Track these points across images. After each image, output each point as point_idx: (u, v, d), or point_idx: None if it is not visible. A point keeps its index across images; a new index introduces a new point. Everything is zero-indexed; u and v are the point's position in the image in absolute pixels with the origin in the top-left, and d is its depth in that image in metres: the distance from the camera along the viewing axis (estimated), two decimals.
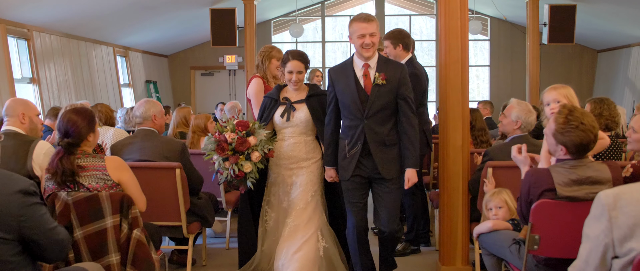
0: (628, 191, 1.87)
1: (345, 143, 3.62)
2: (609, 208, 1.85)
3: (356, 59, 3.61)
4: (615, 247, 1.85)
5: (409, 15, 13.88)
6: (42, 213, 2.17)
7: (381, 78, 3.50)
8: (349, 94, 3.56)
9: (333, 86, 3.67)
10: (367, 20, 3.51)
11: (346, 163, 3.61)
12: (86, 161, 2.91)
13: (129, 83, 11.83)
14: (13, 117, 3.38)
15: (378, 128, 3.53)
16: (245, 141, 3.60)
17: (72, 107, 3.16)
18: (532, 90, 10.48)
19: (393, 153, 3.57)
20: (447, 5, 3.87)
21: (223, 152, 3.61)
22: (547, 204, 2.61)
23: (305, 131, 3.91)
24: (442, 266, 3.99)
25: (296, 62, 3.85)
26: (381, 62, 3.58)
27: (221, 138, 3.63)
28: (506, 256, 3.04)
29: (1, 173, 2.10)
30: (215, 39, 10.37)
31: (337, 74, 3.66)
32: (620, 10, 10.31)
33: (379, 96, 3.51)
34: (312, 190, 3.89)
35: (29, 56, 8.34)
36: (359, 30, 3.50)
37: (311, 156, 3.93)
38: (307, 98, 3.90)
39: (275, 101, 3.94)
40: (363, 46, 3.50)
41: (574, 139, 2.59)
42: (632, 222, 1.82)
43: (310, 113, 3.87)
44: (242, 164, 3.61)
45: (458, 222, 3.93)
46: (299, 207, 3.84)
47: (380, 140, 3.54)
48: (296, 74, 3.85)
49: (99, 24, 9.61)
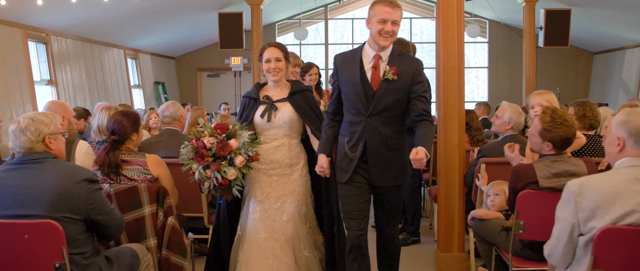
0: (591, 180, 2.26)
1: (344, 141, 3.25)
2: (575, 195, 2.24)
3: (368, 48, 3.21)
4: (580, 226, 2.24)
5: (410, 19, 14.28)
6: (103, 197, 2.58)
7: (392, 73, 3.10)
8: (352, 86, 3.18)
9: (337, 73, 3.30)
10: (392, 5, 3.08)
11: (345, 163, 3.23)
12: (129, 157, 3.32)
13: (138, 84, 12.22)
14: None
15: (382, 128, 3.16)
16: (226, 145, 3.27)
17: (120, 110, 3.57)
18: (529, 91, 10.81)
19: (395, 158, 3.21)
20: (445, 16, 4.25)
21: (203, 159, 3.27)
22: (530, 194, 3.00)
23: (288, 133, 3.58)
24: (441, 254, 4.37)
25: (273, 48, 3.54)
26: (395, 55, 3.18)
27: (199, 143, 3.30)
28: (496, 241, 3.43)
29: (69, 165, 2.50)
30: (223, 42, 10.75)
31: (343, 61, 3.27)
32: (613, 14, 10.68)
33: (387, 92, 3.12)
34: (296, 201, 3.56)
35: (47, 59, 8.74)
36: (381, 14, 3.07)
37: (295, 162, 3.59)
38: (290, 96, 3.56)
39: (255, 100, 3.61)
40: (382, 32, 3.07)
41: (561, 134, 2.98)
42: (594, 206, 2.20)
43: (296, 111, 3.53)
44: (224, 170, 3.28)
45: (454, 213, 4.32)
46: (282, 220, 3.54)
47: (383, 142, 3.16)
48: (274, 61, 3.51)
49: (111, 28, 9.99)
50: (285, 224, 3.52)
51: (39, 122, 2.53)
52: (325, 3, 14.01)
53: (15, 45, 7.82)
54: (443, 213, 4.36)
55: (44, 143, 2.53)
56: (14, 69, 7.71)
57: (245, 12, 10.76)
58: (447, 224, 4.35)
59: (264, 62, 3.54)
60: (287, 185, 3.56)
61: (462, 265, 4.32)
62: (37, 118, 2.54)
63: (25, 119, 2.54)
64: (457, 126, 4.26)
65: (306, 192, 3.64)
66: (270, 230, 3.50)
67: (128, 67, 11.60)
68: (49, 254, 2.36)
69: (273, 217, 3.53)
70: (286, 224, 3.52)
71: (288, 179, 3.56)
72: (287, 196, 3.55)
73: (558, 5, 10.64)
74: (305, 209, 3.61)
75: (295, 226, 3.53)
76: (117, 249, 2.81)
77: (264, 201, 3.55)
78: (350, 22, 14.79)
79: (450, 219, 4.34)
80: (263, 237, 3.48)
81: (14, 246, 2.36)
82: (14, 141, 2.51)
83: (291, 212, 3.54)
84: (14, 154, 2.59)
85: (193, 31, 12.66)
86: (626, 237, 2.17)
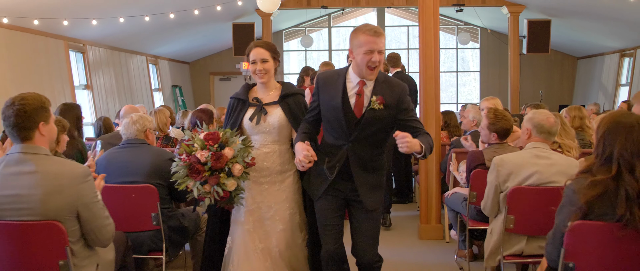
0: (508, 156, 3.41)
1: (324, 159, 3.12)
2: (497, 165, 3.39)
3: (351, 73, 3.09)
4: (501, 186, 3.39)
5: (407, 26, 15.43)
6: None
7: (378, 102, 3.00)
8: (332, 110, 3.07)
9: (319, 94, 3.16)
10: (377, 35, 2.97)
11: (320, 180, 3.14)
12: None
13: (158, 88, 13.38)
14: None
15: (363, 152, 3.09)
16: (221, 156, 3.04)
17: (199, 108, 4.73)
18: (513, 95, 11.91)
19: (375, 179, 3.14)
20: (424, 36, 5.39)
21: (199, 175, 3.05)
22: (480, 172, 4.12)
23: (278, 138, 3.37)
24: (421, 224, 5.52)
25: (258, 49, 3.31)
26: (379, 81, 3.06)
27: (192, 159, 3.05)
28: (459, 209, 4.56)
29: (158, 148, 3.66)
30: (237, 49, 11.87)
31: (325, 82, 3.14)
32: (591, 24, 11.75)
33: (372, 121, 3.03)
34: (291, 208, 3.39)
35: (84, 66, 9.91)
36: (367, 44, 2.95)
37: (286, 169, 3.39)
38: (281, 99, 3.36)
39: (244, 102, 3.41)
40: (370, 64, 2.97)
41: (503, 126, 4.11)
42: (508, 172, 3.35)
43: (287, 115, 3.34)
44: (224, 183, 3.06)
45: (433, 193, 5.46)
46: (278, 229, 3.35)
47: (362, 164, 3.09)
48: (260, 62, 3.29)
49: (136, 38, 11.14)
50: (281, 233, 3.34)
51: (144, 120, 3.70)
52: (329, 12, 15.16)
53: (59, 54, 9.00)
54: (424, 193, 5.50)
55: (144, 133, 3.70)
56: (58, 75, 8.88)
57: (257, 22, 11.91)
58: (427, 202, 5.49)
59: (250, 63, 3.33)
60: (279, 193, 3.37)
61: (438, 232, 5.48)
62: (144, 117, 3.71)
63: (136, 116, 3.70)
64: (435, 124, 5.40)
65: (299, 199, 3.45)
66: (265, 240, 3.33)
67: (149, 72, 12.76)
68: (148, 208, 3.51)
69: (266, 227, 3.35)
70: (282, 233, 3.35)
71: (280, 187, 3.37)
72: (280, 204, 3.36)
73: (539, 16, 11.74)
74: (298, 218, 3.43)
75: (292, 236, 3.37)
76: (186, 209, 3.95)
77: (256, 210, 3.35)
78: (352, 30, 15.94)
79: (429, 198, 5.48)
80: (260, 248, 3.32)
81: (123, 204, 3.49)
82: (126, 129, 3.68)
83: (286, 220, 3.36)
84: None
85: (208, 39, 13.79)
86: (527, 192, 3.32)
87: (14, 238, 2.42)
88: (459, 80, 16.03)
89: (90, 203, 2.53)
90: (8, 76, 7.57)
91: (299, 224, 3.43)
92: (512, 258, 3.48)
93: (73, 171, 2.50)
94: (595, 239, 2.34)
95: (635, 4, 8.54)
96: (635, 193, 2.26)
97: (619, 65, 12.50)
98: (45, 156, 2.50)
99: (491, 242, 3.50)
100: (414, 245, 5.40)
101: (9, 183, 2.43)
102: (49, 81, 8.57)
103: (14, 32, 7.72)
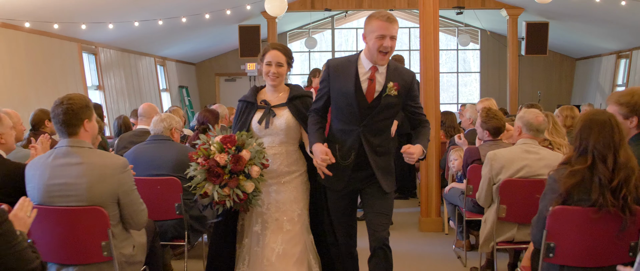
0: (500, 151, 3.73)
1: (335, 148, 3.16)
2: (490, 160, 3.72)
3: (363, 59, 3.13)
4: (493, 179, 3.72)
5: (408, 28, 15.76)
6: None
7: (395, 89, 3.08)
8: (344, 97, 3.11)
9: (329, 81, 3.18)
10: (390, 21, 3.02)
11: (339, 171, 3.13)
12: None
13: (166, 88, 13.72)
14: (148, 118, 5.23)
15: (373, 138, 3.15)
16: (239, 158, 3.04)
17: (210, 107, 5.06)
18: (512, 95, 12.21)
19: (386, 163, 3.21)
20: (424, 41, 5.71)
21: (219, 178, 3.04)
22: (476, 167, 4.44)
23: (286, 140, 3.38)
24: (422, 218, 5.85)
25: (275, 51, 3.33)
26: (391, 68, 3.13)
27: (211, 162, 3.05)
28: (457, 202, 4.89)
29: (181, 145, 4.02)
30: (243, 51, 12.19)
31: (337, 69, 3.18)
32: (588, 27, 12.05)
33: (386, 107, 3.11)
34: (299, 209, 3.38)
35: (96, 67, 10.25)
36: (380, 29, 3.00)
37: (294, 169, 3.40)
38: (289, 101, 3.38)
39: (252, 104, 3.42)
40: (381, 48, 3.01)
41: (494, 124, 4.43)
42: (500, 166, 3.68)
43: (295, 117, 3.35)
44: (243, 185, 3.07)
45: (433, 188, 5.78)
46: (286, 229, 3.33)
47: (373, 149, 3.15)
48: (275, 66, 3.31)
49: (145, 40, 11.46)
50: (289, 234, 3.33)
51: (171, 119, 4.04)
52: (332, 14, 15.49)
53: (73, 56, 9.34)
54: (424, 189, 5.83)
55: (170, 131, 4.03)
56: (72, 76, 9.22)
57: (262, 24, 12.25)
58: (428, 197, 5.82)
59: (264, 64, 3.35)
60: (287, 193, 3.36)
61: (438, 225, 5.81)
62: (171, 116, 4.05)
63: (165, 114, 4.04)
64: (434, 123, 5.72)
65: (307, 199, 3.46)
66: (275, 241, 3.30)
67: (157, 73, 13.10)
68: (172, 199, 3.84)
69: (275, 228, 3.33)
70: (291, 234, 3.33)
71: (288, 187, 3.37)
72: (289, 205, 3.36)
73: (538, 19, 12.04)
74: (307, 218, 3.44)
75: (301, 236, 3.36)
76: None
77: (265, 212, 3.35)
78: (355, 31, 16.30)
79: (429, 193, 5.81)
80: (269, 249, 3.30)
81: (150, 194, 3.80)
82: (155, 125, 4.02)
83: (295, 221, 3.36)
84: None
85: (214, 41, 14.11)
86: (518, 184, 3.65)
87: (62, 222, 2.74)
88: (460, 80, 16.35)
89: (129, 191, 2.86)
90: (26, 77, 7.91)
91: (307, 225, 3.42)
92: (505, 245, 3.82)
93: (114, 162, 2.83)
94: (573, 222, 2.67)
95: (629, 8, 8.87)
96: (607, 180, 2.58)
97: (615, 66, 12.79)
98: (88, 149, 2.84)
99: (485, 230, 3.83)
100: (415, 236, 5.73)
101: (58, 173, 2.77)
102: (64, 82, 8.91)
103: (33, 36, 8.07)
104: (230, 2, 10.43)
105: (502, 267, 4.38)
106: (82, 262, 2.79)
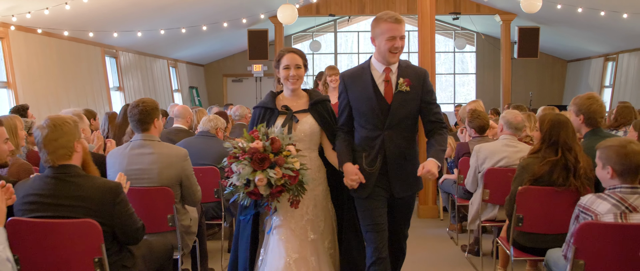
0: (485, 145, 4.50)
1: (362, 156, 3.19)
2: (476, 152, 4.48)
3: (375, 63, 3.21)
4: (479, 167, 4.48)
5: (408, 31, 16.50)
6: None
7: (405, 84, 3.13)
8: (367, 102, 3.16)
9: (347, 92, 3.25)
10: (398, 21, 3.10)
11: (365, 178, 3.13)
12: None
13: (178, 89, 14.46)
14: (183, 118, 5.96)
15: (398, 140, 3.16)
16: (274, 140, 3.02)
17: (232, 109, 5.80)
18: (505, 96, 12.90)
19: (411, 168, 3.19)
20: (421, 45, 6.47)
21: (266, 161, 2.97)
22: (466, 159, 5.19)
23: (308, 146, 3.34)
24: (420, 205, 6.62)
25: (292, 54, 3.32)
26: (402, 66, 3.20)
27: (251, 150, 2.99)
28: (451, 191, 5.65)
29: (222, 141, 4.79)
30: (252, 53, 12.91)
31: (352, 79, 3.24)
32: (577, 31, 12.75)
33: (402, 104, 3.14)
34: (323, 216, 3.34)
35: (117, 70, 11.01)
36: (389, 31, 3.08)
37: (316, 176, 3.34)
38: (311, 106, 3.35)
39: (272, 110, 3.35)
40: (392, 49, 3.09)
41: (478, 123, 5.18)
42: (484, 157, 4.44)
43: (318, 122, 3.33)
44: (290, 161, 3.03)
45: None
46: (311, 238, 3.27)
47: (400, 153, 3.17)
48: (294, 68, 3.28)
49: (160, 44, 12.20)
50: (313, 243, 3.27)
51: (218, 120, 4.81)
52: (335, 18, 16.23)
53: (97, 60, 10.10)
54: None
55: (215, 130, 4.80)
56: (96, 78, 9.98)
57: (270, 28, 12.98)
58: (425, 186, 6.58)
59: (282, 69, 3.31)
60: (310, 201, 3.29)
61: (434, 212, 6.59)
62: (217, 117, 4.82)
63: (212, 116, 4.81)
64: None
65: (328, 206, 3.42)
66: (300, 250, 3.22)
67: (170, 75, 13.84)
68: (212, 185, 4.55)
69: (299, 236, 3.25)
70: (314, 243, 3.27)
71: (311, 195, 3.28)
72: (312, 213, 3.30)
73: (529, 24, 12.78)
74: (323, 226, 3.36)
75: (324, 244, 3.33)
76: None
77: (289, 220, 3.26)
78: (356, 34, 17.07)
79: (426, 182, 6.57)
80: (294, 258, 3.20)
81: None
82: (204, 124, 4.78)
83: (319, 229, 3.32)
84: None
85: (223, 44, 14.83)
86: (499, 172, 4.40)
87: (138, 199, 3.45)
88: (458, 81, 17.09)
89: (189, 175, 3.62)
90: (59, 80, 8.68)
91: (330, 232, 3.39)
92: (488, 223, 4.58)
93: (179, 152, 3.59)
94: (537, 199, 3.45)
95: (610, 16, 9.62)
96: (572, 165, 3.36)
97: (603, 68, 13.53)
98: (157, 142, 3.59)
99: (472, 211, 4.59)
100: (413, 222, 6.38)
101: (135, 161, 3.52)
102: (89, 84, 9.68)
103: (64, 42, 8.83)
104: (245, 10, 11.17)
105: (486, 245, 5.15)
106: (153, 231, 3.52)
